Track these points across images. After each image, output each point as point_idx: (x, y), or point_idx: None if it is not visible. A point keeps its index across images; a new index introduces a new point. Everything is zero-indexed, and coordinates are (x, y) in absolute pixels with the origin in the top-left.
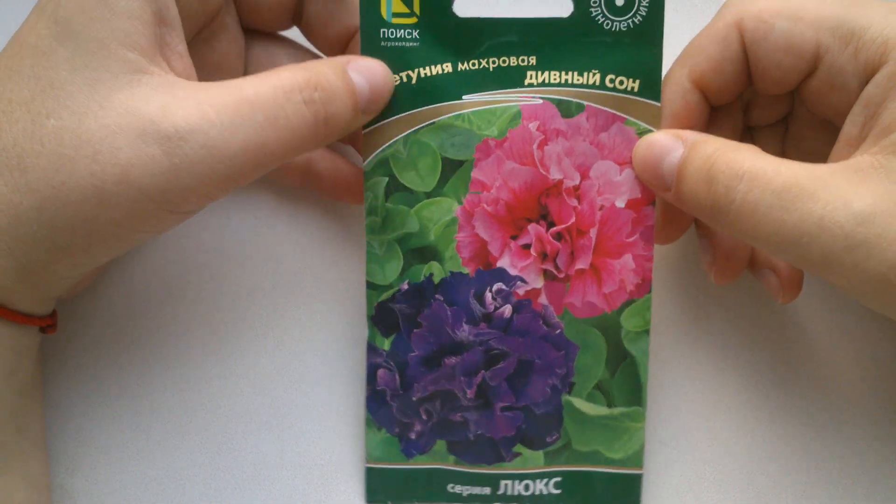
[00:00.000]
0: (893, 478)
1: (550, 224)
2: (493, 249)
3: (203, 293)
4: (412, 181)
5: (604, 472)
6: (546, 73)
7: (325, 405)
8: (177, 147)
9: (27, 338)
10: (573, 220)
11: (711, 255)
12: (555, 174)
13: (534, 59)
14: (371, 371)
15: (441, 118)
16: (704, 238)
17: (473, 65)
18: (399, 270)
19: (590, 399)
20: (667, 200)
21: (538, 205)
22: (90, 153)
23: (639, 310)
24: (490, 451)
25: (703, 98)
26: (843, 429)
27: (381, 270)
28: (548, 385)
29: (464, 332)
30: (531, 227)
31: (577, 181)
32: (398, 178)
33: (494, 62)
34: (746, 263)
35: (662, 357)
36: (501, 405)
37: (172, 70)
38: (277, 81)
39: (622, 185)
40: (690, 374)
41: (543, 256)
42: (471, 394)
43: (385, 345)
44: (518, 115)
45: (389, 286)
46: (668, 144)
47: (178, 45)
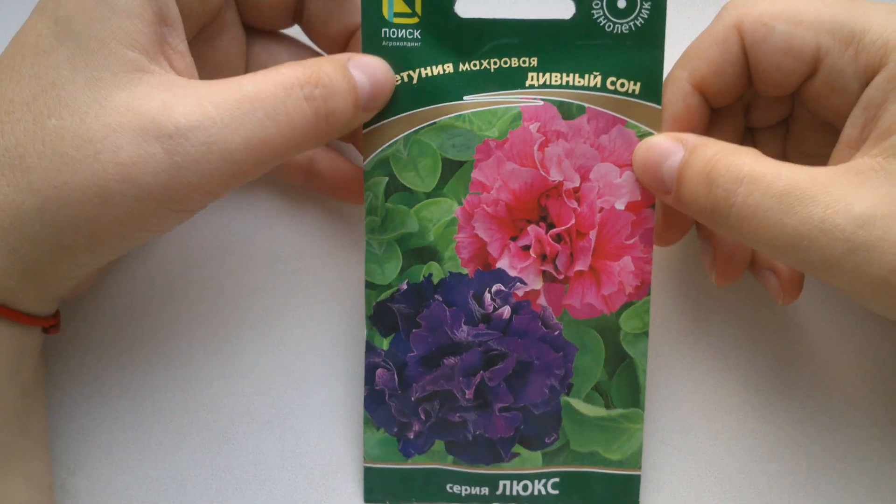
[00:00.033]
0: (894, 478)
1: (550, 226)
2: (493, 250)
3: (203, 293)
4: (412, 181)
5: (602, 473)
6: (547, 75)
7: (324, 404)
8: (178, 145)
9: (30, 338)
10: (573, 222)
11: (712, 257)
12: (555, 176)
13: (535, 61)
14: (369, 370)
15: (442, 118)
16: (705, 240)
17: (475, 65)
18: (398, 270)
19: (588, 400)
20: (667, 203)
21: (538, 206)
22: (92, 152)
23: (638, 312)
24: (488, 452)
25: (704, 100)
26: (843, 430)
27: (381, 270)
28: (546, 386)
29: (463, 333)
30: (531, 229)
31: (578, 183)
32: (398, 178)
33: (496, 63)
34: (747, 265)
35: (662, 358)
36: (500, 406)
37: (173, 69)
38: (278, 78)
39: (622, 188)
40: (690, 376)
41: (543, 258)
42: (469, 394)
43: (384, 344)
44: (519, 117)
45: (388, 286)
46: (669, 147)
47: (179, 44)
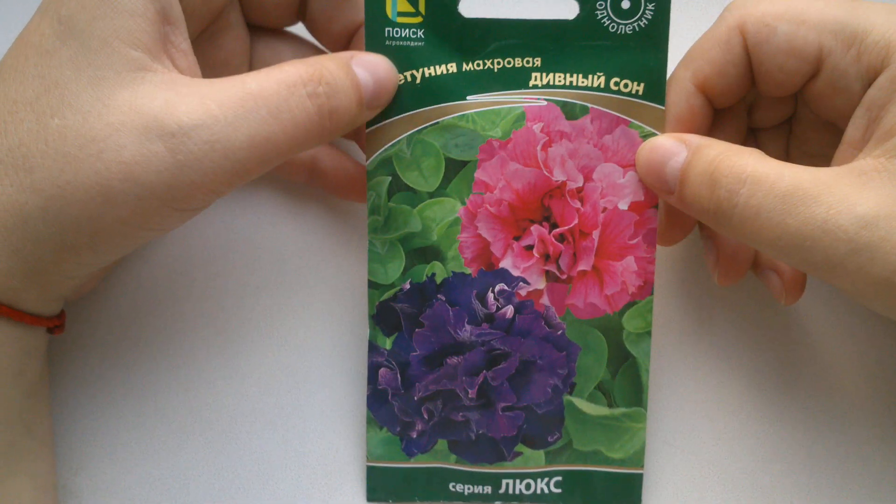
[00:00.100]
0: None
1: (553, 225)
2: (496, 250)
3: (206, 293)
4: (415, 181)
5: (604, 472)
6: (551, 75)
7: (327, 404)
8: (181, 143)
9: (35, 338)
10: (576, 222)
11: (715, 257)
12: (558, 176)
13: (539, 61)
14: (372, 370)
15: (445, 118)
16: (708, 240)
17: (478, 65)
18: (401, 270)
19: (591, 399)
20: (670, 203)
21: (541, 206)
22: (95, 151)
23: (640, 311)
24: (491, 451)
25: (707, 101)
26: (846, 430)
27: (384, 270)
28: (549, 385)
29: (465, 333)
30: (534, 229)
31: (581, 183)
32: (401, 178)
33: (499, 63)
34: (750, 265)
35: (665, 358)
36: (503, 405)
37: (176, 68)
38: (281, 76)
39: (625, 188)
40: (693, 375)
41: (546, 258)
42: (472, 394)
43: (387, 344)
44: (522, 117)
45: (391, 285)
46: (672, 148)
47: (182, 43)
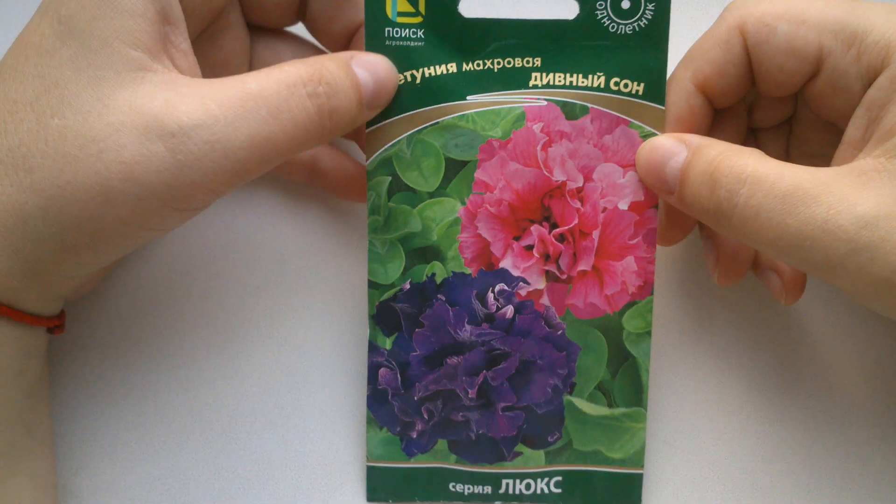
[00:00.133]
0: None
1: (553, 225)
2: (496, 250)
3: (206, 293)
4: (415, 181)
5: (604, 472)
6: (551, 75)
7: (327, 404)
8: (181, 143)
9: (35, 338)
10: (576, 222)
11: (715, 257)
12: (558, 176)
13: (539, 61)
14: (372, 370)
15: (445, 118)
16: (708, 240)
17: (478, 65)
18: (401, 270)
19: (591, 399)
20: (670, 203)
21: (541, 206)
22: (94, 151)
23: (640, 311)
24: (491, 451)
25: (707, 101)
26: (846, 430)
27: (384, 270)
28: (549, 385)
29: (465, 333)
30: (534, 229)
31: (581, 183)
32: (401, 178)
33: (499, 63)
34: (750, 265)
35: (665, 358)
36: (503, 405)
37: (176, 68)
38: (281, 76)
39: (625, 188)
40: (693, 375)
41: (546, 258)
42: (472, 394)
43: (387, 344)
44: (522, 117)
45: (391, 285)
46: (672, 148)
47: (182, 43)
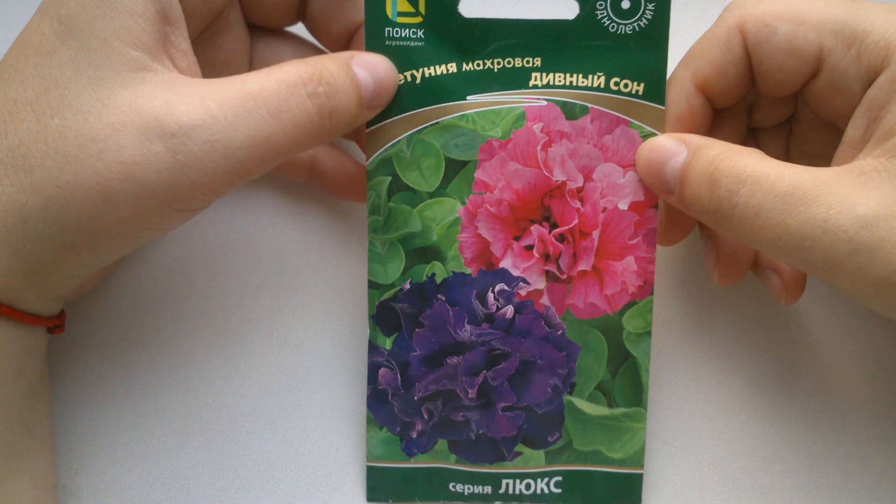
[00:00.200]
0: None
1: (553, 225)
2: (496, 250)
3: (205, 293)
4: (415, 181)
5: (604, 472)
6: (551, 75)
7: (327, 404)
8: (181, 143)
9: (35, 338)
10: (576, 222)
11: (715, 257)
12: (558, 176)
13: (539, 61)
14: (372, 370)
15: (445, 118)
16: (708, 240)
17: (478, 65)
18: (401, 270)
19: (591, 399)
20: (670, 203)
21: (541, 206)
22: (94, 151)
23: (640, 311)
24: (491, 451)
25: (707, 101)
26: (846, 430)
27: (384, 270)
28: (549, 385)
29: (465, 333)
30: (534, 229)
31: (581, 183)
32: (401, 178)
33: (499, 63)
34: (750, 265)
35: (665, 358)
36: (503, 405)
37: (176, 68)
38: (281, 76)
39: (625, 188)
40: (693, 375)
41: (546, 258)
42: (472, 394)
43: (387, 344)
44: (522, 117)
45: (391, 285)
46: (672, 148)
47: (182, 43)
